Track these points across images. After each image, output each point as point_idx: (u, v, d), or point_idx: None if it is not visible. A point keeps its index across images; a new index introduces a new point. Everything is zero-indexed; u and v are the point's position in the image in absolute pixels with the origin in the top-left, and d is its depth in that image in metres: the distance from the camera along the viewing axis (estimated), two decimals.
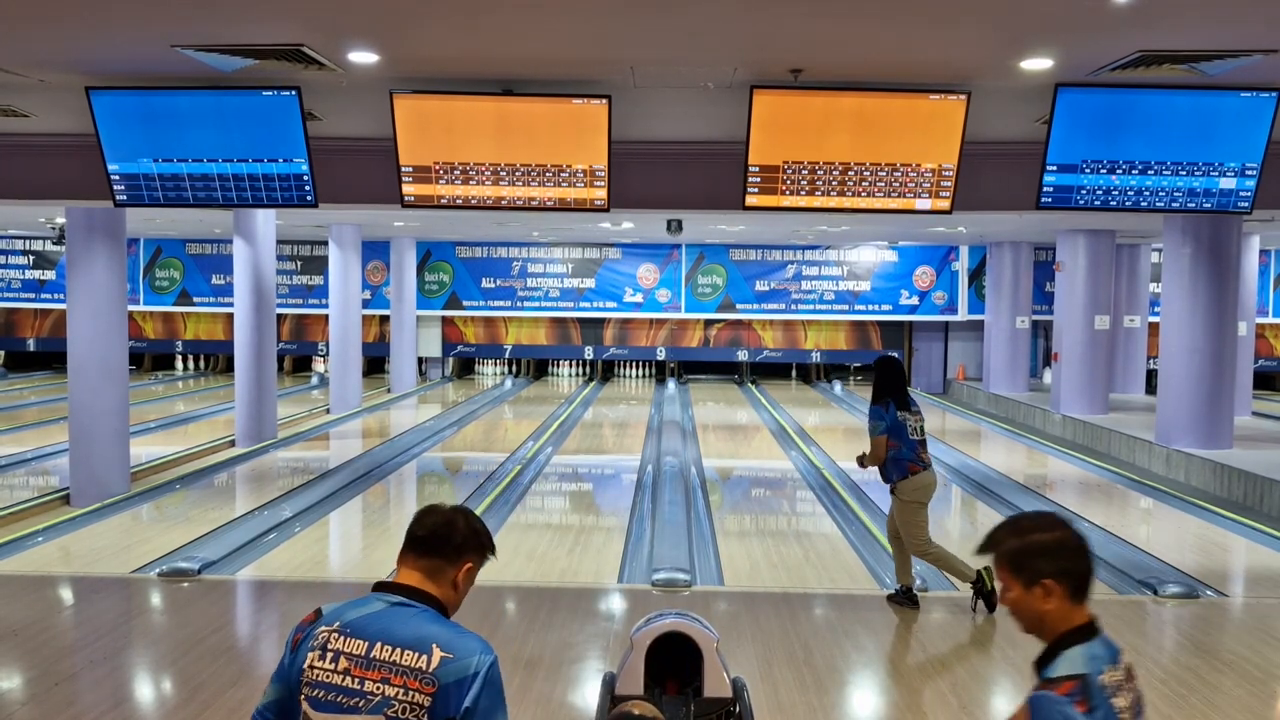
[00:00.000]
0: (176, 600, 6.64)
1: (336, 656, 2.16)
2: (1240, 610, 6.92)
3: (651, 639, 3.47)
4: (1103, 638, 2.16)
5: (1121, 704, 2.06)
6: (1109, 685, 2.06)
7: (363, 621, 2.19)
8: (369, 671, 2.13)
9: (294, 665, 2.22)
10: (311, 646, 2.20)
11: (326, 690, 2.16)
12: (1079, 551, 2.19)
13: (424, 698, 2.10)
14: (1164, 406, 12.39)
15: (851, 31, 5.38)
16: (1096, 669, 2.08)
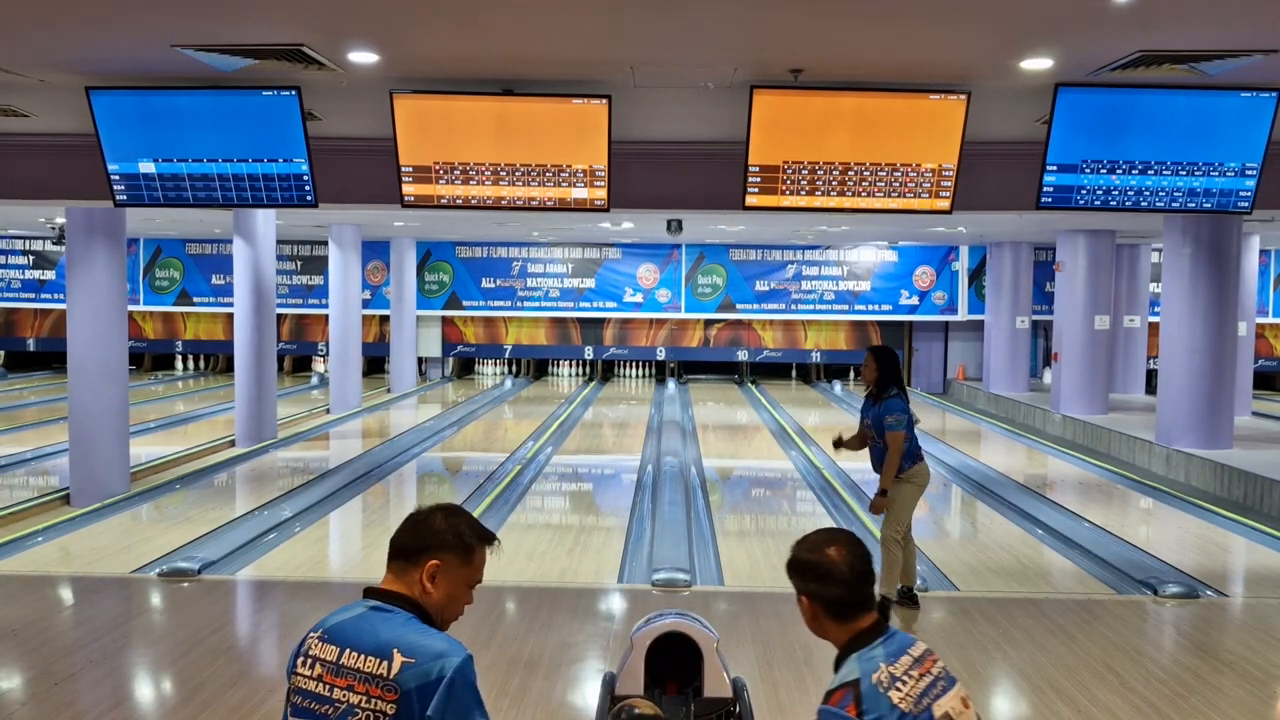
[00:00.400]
0: (176, 600, 6.64)
1: (314, 663, 2.13)
2: (1240, 610, 6.92)
3: (651, 639, 3.47)
4: (885, 638, 2.30)
5: (903, 694, 2.20)
6: (884, 681, 2.21)
7: (340, 627, 2.14)
8: (337, 679, 2.09)
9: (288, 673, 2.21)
10: (299, 654, 2.18)
11: (304, 697, 2.13)
12: (829, 577, 2.32)
13: (387, 705, 2.03)
14: (1164, 406, 12.39)
15: (851, 31, 5.38)
16: (869, 670, 2.23)
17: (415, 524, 2.22)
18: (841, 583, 2.31)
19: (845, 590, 2.31)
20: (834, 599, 2.32)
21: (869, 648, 2.29)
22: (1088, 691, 5.14)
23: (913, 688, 2.22)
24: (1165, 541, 9.08)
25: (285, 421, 15.28)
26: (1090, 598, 6.95)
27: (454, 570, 2.19)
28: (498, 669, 5.34)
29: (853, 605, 2.33)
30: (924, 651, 2.33)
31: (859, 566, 2.35)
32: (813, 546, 2.38)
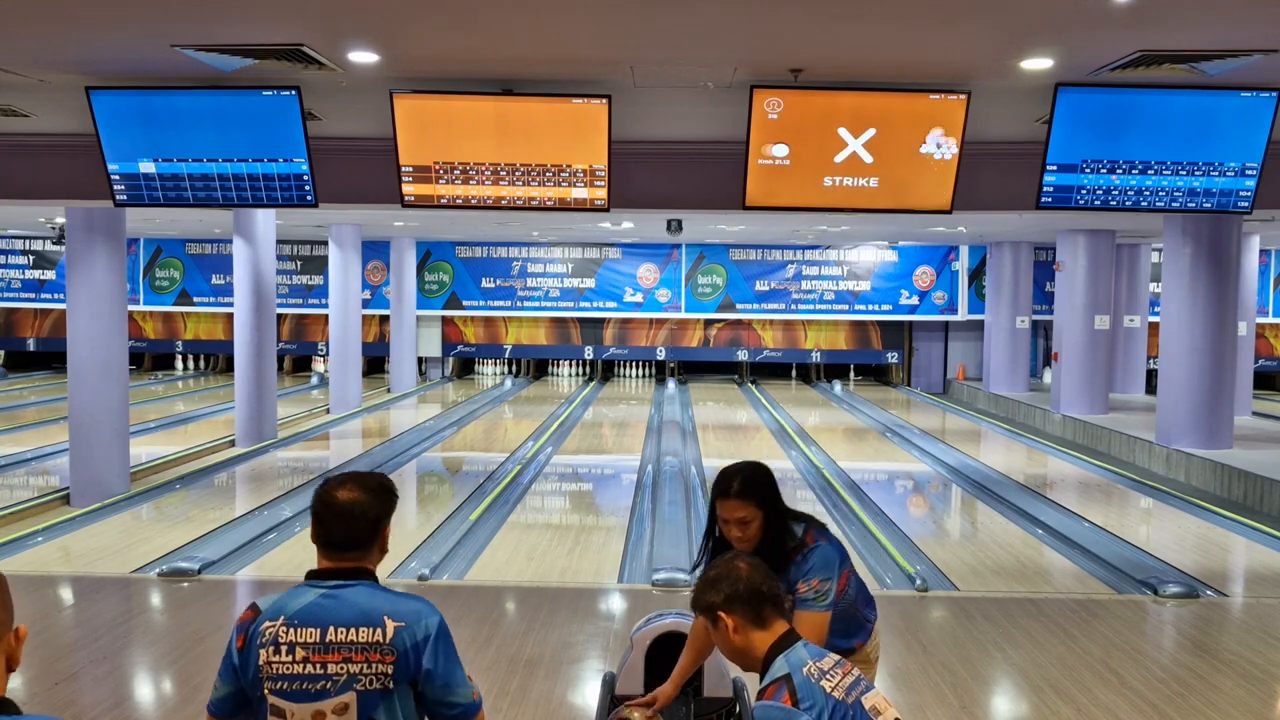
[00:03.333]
0: (176, 600, 6.64)
1: (291, 648, 2.27)
2: (1240, 610, 6.92)
3: (651, 639, 3.47)
4: (804, 643, 2.43)
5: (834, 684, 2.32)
6: (814, 674, 2.33)
7: (308, 610, 2.29)
8: (329, 655, 2.26)
9: (247, 664, 2.31)
10: (261, 644, 2.29)
11: (290, 681, 2.27)
12: (741, 577, 2.44)
13: (386, 666, 2.26)
14: (1164, 406, 12.39)
15: (852, 31, 5.38)
16: (798, 664, 2.35)
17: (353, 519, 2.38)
18: (754, 579, 2.44)
19: (760, 583, 2.43)
20: (750, 595, 2.42)
21: (793, 648, 2.40)
22: (1088, 691, 5.14)
23: (841, 681, 2.34)
24: (1165, 541, 9.08)
25: (285, 421, 15.28)
26: (1090, 598, 6.95)
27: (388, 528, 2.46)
28: (498, 669, 5.34)
29: (769, 602, 2.43)
30: (839, 657, 2.45)
31: (761, 567, 2.51)
32: (713, 566, 2.55)
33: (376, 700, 2.27)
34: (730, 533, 3.17)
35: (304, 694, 2.26)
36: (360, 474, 2.49)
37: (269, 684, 2.28)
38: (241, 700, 2.35)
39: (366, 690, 2.26)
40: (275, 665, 2.27)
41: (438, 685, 2.32)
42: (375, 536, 2.41)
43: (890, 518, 9.43)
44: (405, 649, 2.28)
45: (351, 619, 2.28)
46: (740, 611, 2.42)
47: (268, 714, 2.30)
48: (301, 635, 2.27)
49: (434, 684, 2.31)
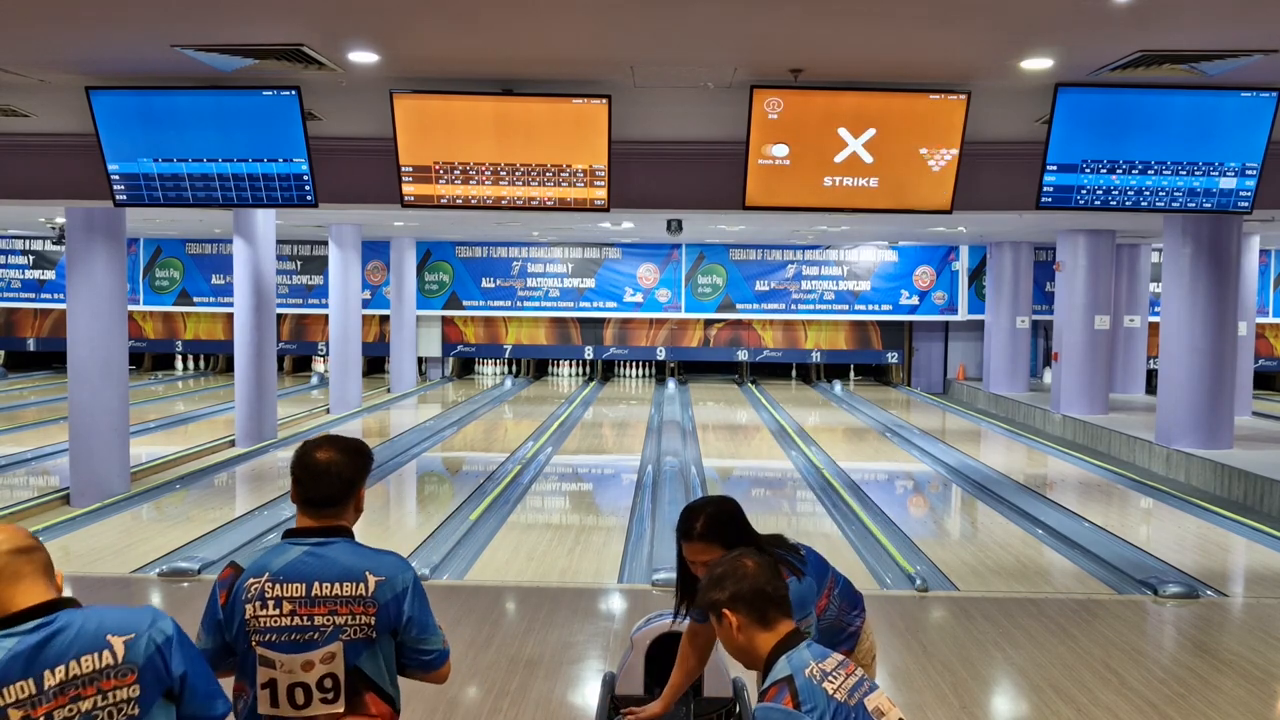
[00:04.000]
0: (176, 600, 6.64)
1: (279, 602, 2.41)
2: (1240, 610, 6.92)
3: (651, 639, 3.47)
4: (808, 643, 2.41)
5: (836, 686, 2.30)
6: (816, 675, 2.31)
7: (292, 567, 2.44)
8: (315, 608, 2.41)
9: (232, 618, 2.45)
10: (246, 599, 2.43)
11: (278, 633, 2.42)
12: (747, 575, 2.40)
13: (369, 618, 2.44)
14: (1164, 406, 12.39)
15: (852, 31, 5.38)
16: (800, 666, 2.32)
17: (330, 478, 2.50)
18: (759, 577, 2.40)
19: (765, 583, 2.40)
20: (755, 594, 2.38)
21: (796, 649, 2.37)
22: (1088, 691, 5.14)
23: (844, 683, 2.32)
24: (1165, 541, 9.08)
25: (285, 421, 15.28)
26: (1090, 598, 6.95)
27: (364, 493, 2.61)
28: (498, 669, 5.34)
29: (774, 603, 2.40)
30: (845, 659, 2.42)
31: (769, 565, 2.46)
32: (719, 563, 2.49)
33: (361, 649, 2.43)
34: (698, 574, 2.96)
35: (293, 645, 2.40)
36: (336, 437, 2.60)
37: (256, 636, 2.41)
38: (225, 652, 2.47)
39: (352, 640, 2.42)
40: (262, 619, 2.40)
41: (414, 634, 2.50)
42: (350, 496, 2.54)
43: (890, 518, 9.43)
44: (385, 601, 2.44)
45: (335, 574, 2.43)
46: (744, 610, 2.39)
47: (256, 664, 2.41)
48: (288, 590, 2.41)
49: (411, 633, 2.49)
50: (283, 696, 2.42)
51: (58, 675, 1.95)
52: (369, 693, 2.46)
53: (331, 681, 2.42)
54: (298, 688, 2.41)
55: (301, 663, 2.40)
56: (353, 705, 2.44)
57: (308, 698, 2.41)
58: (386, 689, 2.50)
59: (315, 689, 2.41)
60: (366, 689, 2.46)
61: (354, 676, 2.44)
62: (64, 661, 1.95)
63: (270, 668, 2.41)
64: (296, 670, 2.41)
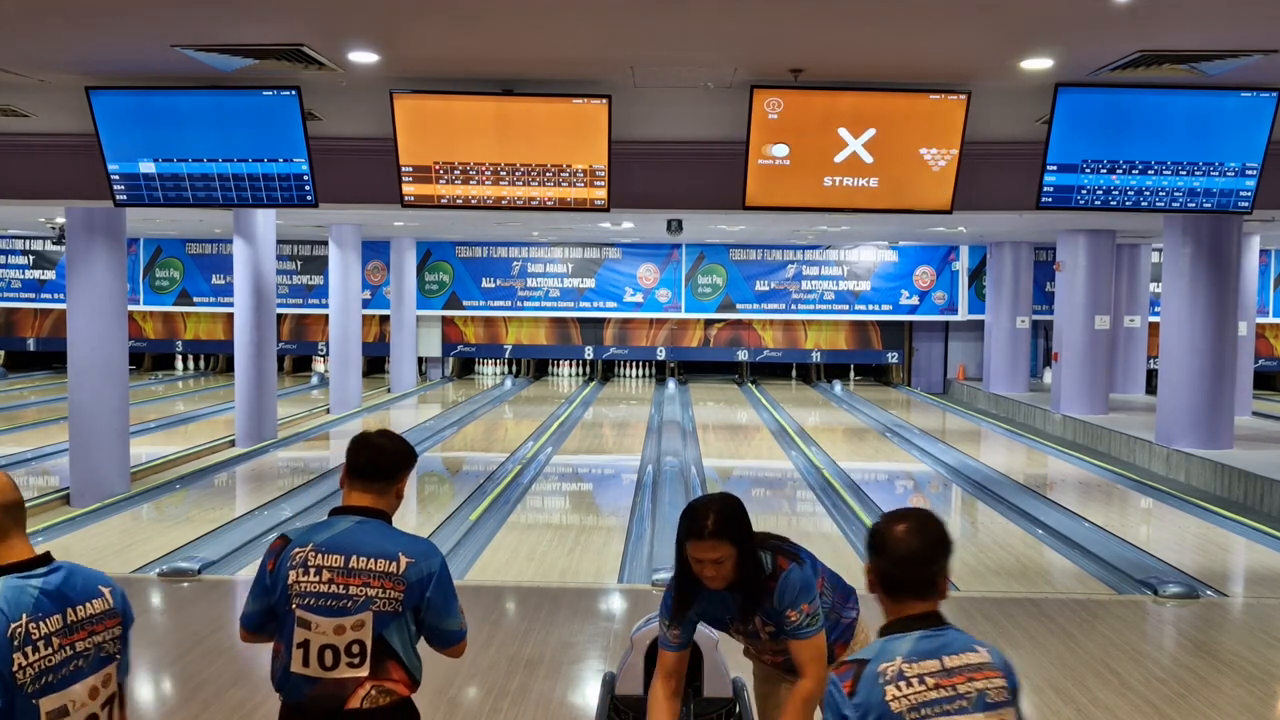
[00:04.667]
0: (176, 600, 6.64)
1: (319, 570, 2.66)
2: (1240, 610, 6.92)
3: (651, 639, 3.47)
4: (931, 634, 2.18)
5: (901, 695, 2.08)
6: (889, 674, 2.10)
7: (334, 540, 2.69)
8: (350, 579, 2.65)
9: (276, 583, 2.70)
10: (291, 566, 2.68)
11: (316, 598, 2.65)
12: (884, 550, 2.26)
13: (398, 594, 2.66)
14: (1164, 406, 12.39)
15: (852, 31, 5.38)
16: (885, 657, 2.13)
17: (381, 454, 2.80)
18: (893, 559, 2.23)
19: (893, 566, 2.23)
20: (884, 572, 2.25)
21: (903, 635, 2.18)
22: (1088, 691, 5.14)
23: (919, 693, 2.09)
24: (1165, 541, 9.08)
25: (285, 421, 15.28)
26: (1090, 598, 6.95)
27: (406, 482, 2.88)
28: (498, 669, 5.34)
29: (901, 584, 2.23)
30: (967, 665, 2.15)
31: (916, 547, 2.23)
32: (885, 518, 2.34)
33: (388, 620, 2.67)
34: (703, 572, 2.96)
35: (328, 609, 2.65)
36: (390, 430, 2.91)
37: (296, 600, 2.66)
38: (269, 615, 2.74)
39: (380, 612, 2.65)
40: (303, 584, 2.66)
41: (437, 613, 2.73)
42: (395, 480, 2.81)
43: None
44: (414, 581, 2.68)
45: (371, 551, 2.68)
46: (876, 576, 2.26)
47: (295, 625, 2.67)
48: (327, 560, 2.66)
49: (434, 612, 2.72)
50: (314, 657, 2.66)
51: (78, 613, 2.27)
52: (391, 662, 2.68)
53: (359, 647, 2.64)
54: (328, 649, 2.65)
55: (334, 626, 2.64)
56: (376, 671, 2.67)
57: (336, 659, 2.65)
58: (408, 661, 2.72)
59: (344, 652, 2.65)
60: (390, 658, 2.68)
61: (379, 645, 2.66)
62: (80, 602, 2.28)
63: (306, 629, 2.65)
64: (329, 633, 2.65)
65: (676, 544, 3.01)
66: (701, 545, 2.92)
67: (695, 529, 2.94)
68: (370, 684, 2.67)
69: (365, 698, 2.66)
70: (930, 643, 2.16)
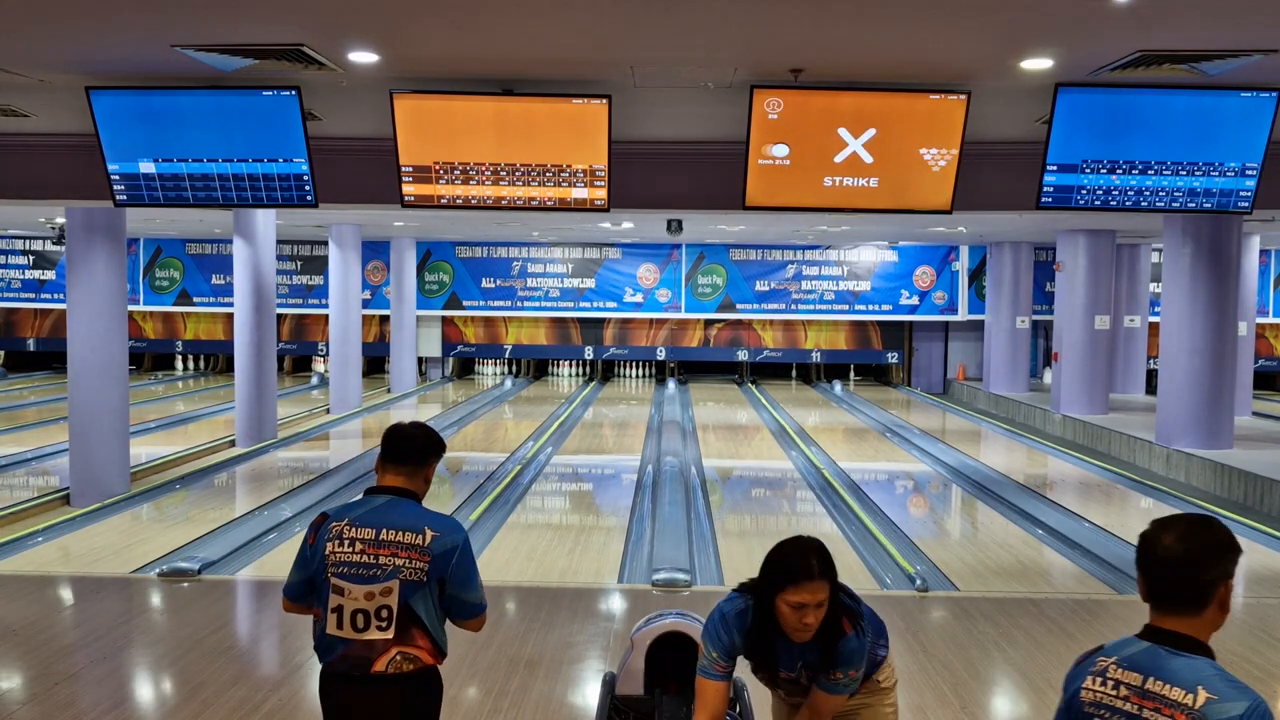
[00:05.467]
0: (176, 600, 6.64)
1: (352, 542, 2.94)
2: (1240, 610, 6.92)
3: (651, 639, 3.47)
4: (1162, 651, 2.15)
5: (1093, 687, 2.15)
6: (1099, 666, 2.19)
7: (367, 515, 2.97)
8: (380, 550, 2.92)
9: (315, 555, 2.99)
10: (328, 538, 2.97)
11: (349, 567, 2.93)
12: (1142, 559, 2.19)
13: (423, 564, 2.92)
14: (1164, 406, 12.39)
15: (852, 31, 5.38)
16: (1108, 652, 2.22)
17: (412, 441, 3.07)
18: (1146, 566, 2.18)
19: (1145, 574, 2.18)
20: (1142, 579, 2.20)
21: (1136, 641, 2.19)
22: None
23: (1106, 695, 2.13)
24: None
25: (285, 421, 15.28)
26: (1090, 598, 6.95)
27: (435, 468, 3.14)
28: (498, 669, 5.35)
29: (1153, 594, 2.18)
30: (1165, 698, 2.05)
31: (1172, 558, 2.12)
32: (1152, 524, 2.21)
33: (414, 590, 2.92)
34: (803, 620, 2.78)
35: (360, 578, 2.91)
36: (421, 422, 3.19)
37: (332, 569, 2.94)
38: (309, 586, 3.02)
39: (406, 580, 2.91)
40: (338, 555, 2.94)
41: (459, 585, 2.97)
42: (423, 463, 3.07)
43: (890, 518, 9.43)
44: (438, 554, 2.93)
45: (400, 525, 2.94)
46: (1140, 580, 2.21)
47: (329, 592, 2.94)
48: (360, 533, 2.94)
49: (456, 583, 2.96)
50: (347, 620, 2.92)
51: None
52: (416, 629, 2.93)
53: (387, 612, 2.91)
54: (359, 613, 2.91)
55: (365, 593, 2.91)
56: (401, 636, 2.92)
57: (366, 623, 2.91)
58: (433, 631, 2.96)
59: (373, 616, 2.91)
60: (415, 625, 2.93)
61: (405, 612, 2.91)
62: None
63: (339, 595, 2.93)
64: (360, 599, 2.91)
65: (759, 593, 2.83)
66: (812, 586, 2.76)
67: (801, 569, 2.76)
68: (396, 649, 2.92)
69: (390, 662, 2.91)
70: (1149, 658, 2.12)
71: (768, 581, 2.81)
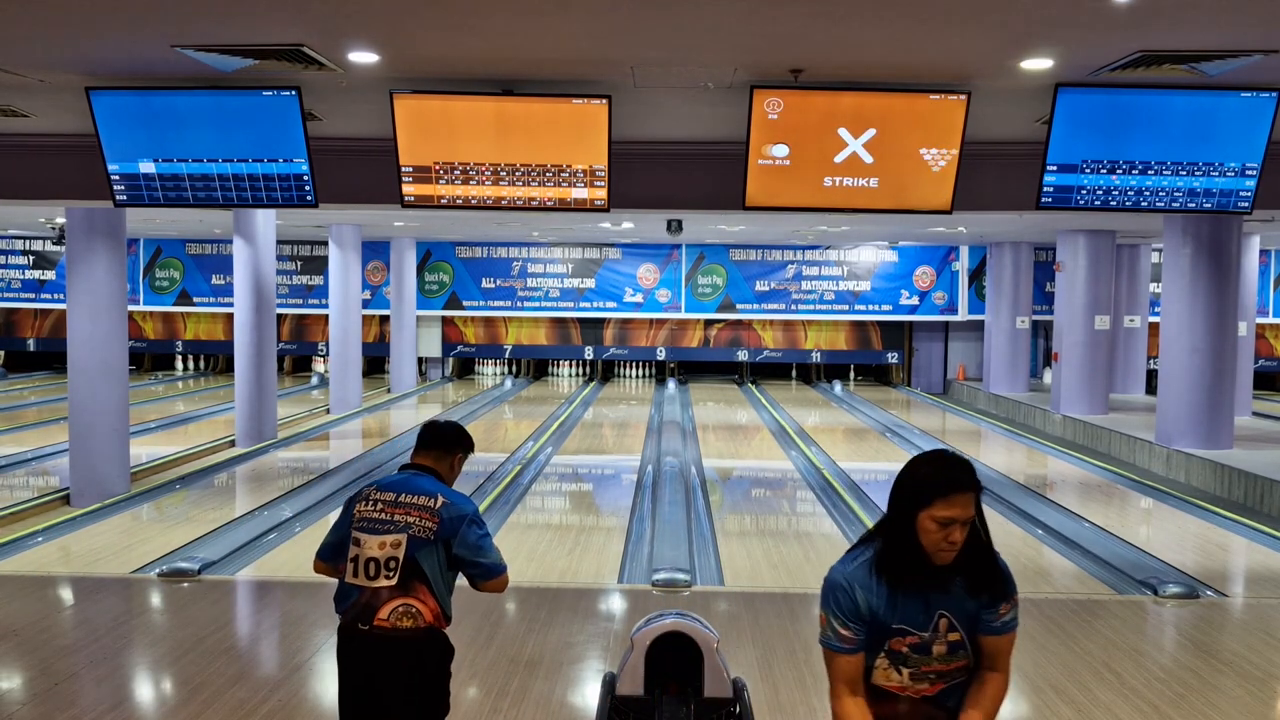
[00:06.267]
0: (176, 600, 6.64)
1: (376, 503, 3.39)
2: (1240, 610, 6.92)
3: (652, 639, 3.47)
4: None
5: None
6: None
7: (392, 482, 3.46)
8: (396, 510, 3.35)
9: (347, 517, 3.43)
10: (358, 501, 3.44)
11: (369, 522, 3.36)
12: None
13: (432, 524, 3.33)
14: (1164, 406, 12.39)
15: (852, 31, 5.38)
16: None
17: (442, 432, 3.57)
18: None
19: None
20: None
21: None
22: (1088, 691, 5.14)
23: None
24: (1165, 541, 9.07)
25: (285, 421, 15.28)
26: (1090, 598, 6.95)
27: (463, 462, 3.61)
28: (498, 669, 5.35)
29: None
30: None
31: None
32: None
33: (420, 545, 3.31)
34: (949, 538, 2.49)
35: (375, 530, 3.33)
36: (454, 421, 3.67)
37: (356, 525, 3.37)
38: (340, 548, 3.44)
39: (415, 537, 3.31)
40: (363, 512, 3.38)
41: (471, 549, 3.36)
42: (449, 451, 3.54)
43: None
44: (446, 518, 3.34)
45: (417, 491, 3.40)
46: None
47: (351, 545, 3.36)
48: (384, 496, 3.40)
49: (465, 546, 3.35)
50: (361, 568, 3.31)
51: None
52: (419, 584, 3.30)
53: (394, 563, 3.29)
54: (371, 562, 3.30)
55: (378, 543, 3.31)
56: (405, 587, 3.29)
57: (376, 570, 3.29)
58: (435, 589, 3.32)
59: (382, 565, 3.29)
60: (419, 580, 3.30)
61: (410, 565, 3.29)
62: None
63: (357, 546, 3.34)
64: (373, 549, 3.31)
65: (900, 509, 2.57)
66: (959, 500, 2.47)
67: (952, 481, 2.49)
68: (399, 599, 3.27)
69: (393, 612, 3.27)
70: None
71: (910, 497, 2.53)
